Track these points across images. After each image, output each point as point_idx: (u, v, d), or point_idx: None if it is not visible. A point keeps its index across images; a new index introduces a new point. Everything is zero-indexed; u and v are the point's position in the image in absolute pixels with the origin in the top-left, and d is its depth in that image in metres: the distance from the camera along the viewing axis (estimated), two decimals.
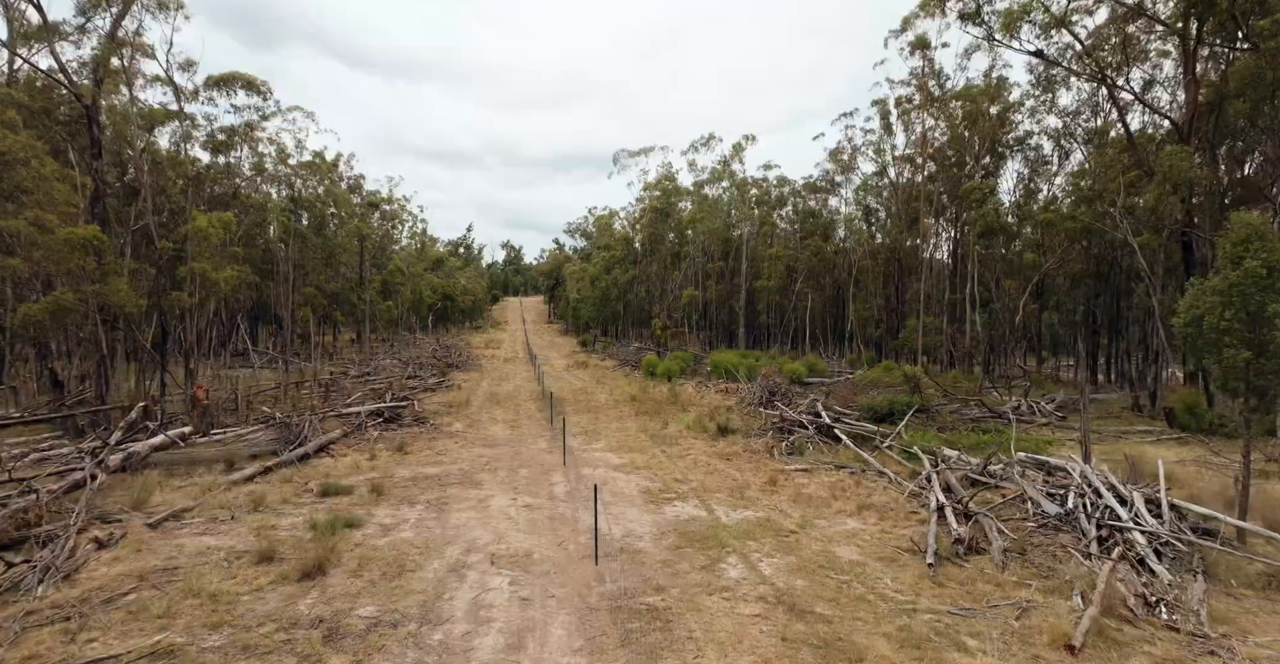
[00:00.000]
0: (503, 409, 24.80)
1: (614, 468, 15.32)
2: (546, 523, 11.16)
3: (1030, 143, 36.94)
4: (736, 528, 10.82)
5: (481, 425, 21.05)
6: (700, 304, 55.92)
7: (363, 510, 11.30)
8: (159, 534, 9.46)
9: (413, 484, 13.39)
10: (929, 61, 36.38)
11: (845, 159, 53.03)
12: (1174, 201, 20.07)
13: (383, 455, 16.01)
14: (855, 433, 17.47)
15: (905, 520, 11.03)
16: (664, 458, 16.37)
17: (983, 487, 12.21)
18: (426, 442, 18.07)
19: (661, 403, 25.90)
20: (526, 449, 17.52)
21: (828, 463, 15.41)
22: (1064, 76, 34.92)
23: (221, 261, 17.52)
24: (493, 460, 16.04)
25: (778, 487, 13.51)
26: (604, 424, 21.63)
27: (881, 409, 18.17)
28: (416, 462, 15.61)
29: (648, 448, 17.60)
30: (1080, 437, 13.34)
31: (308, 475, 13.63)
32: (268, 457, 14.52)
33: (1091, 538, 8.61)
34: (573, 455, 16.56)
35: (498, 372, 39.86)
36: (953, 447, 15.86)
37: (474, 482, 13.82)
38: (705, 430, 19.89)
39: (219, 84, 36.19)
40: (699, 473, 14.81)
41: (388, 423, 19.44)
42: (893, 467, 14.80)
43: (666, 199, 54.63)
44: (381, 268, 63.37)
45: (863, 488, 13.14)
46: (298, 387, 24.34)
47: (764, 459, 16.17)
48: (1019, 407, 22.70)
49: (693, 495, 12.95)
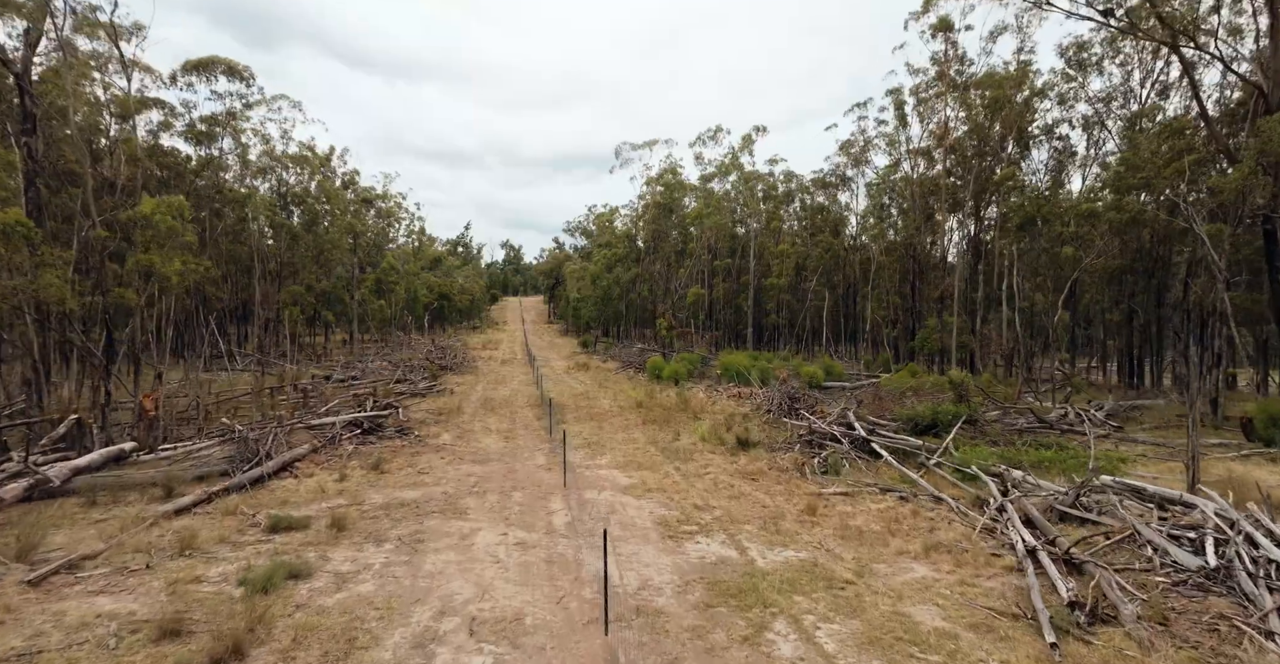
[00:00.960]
0: (497, 417, 22.70)
1: (622, 490, 13.22)
2: (543, 568, 9.05)
3: (1058, 132, 34.81)
4: (778, 575, 8.71)
5: (473, 436, 18.94)
6: (706, 303, 53.81)
7: (316, 553, 9.19)
8: (38, 595, 7.34)
9: (384, 514, 11.27)
10: (952, 45, 34.29)
11: (856, 152, 51.10)
12: (1264, 182, 17.75)
13: (355, 475, 13.89)
14: (896, 447, 15.35)
15: (987, 567, 8.90)
16: (679, 477, 14.26)
17: (1071, 521, 10.09)
18: (408, 457, 15.95)
19: (670, 410, 23.80)
20: (522, 466, 15.42)
21: (870, 485, 13.29)
22: (1097, 59, 32.89)
23: (172, 253, 15.50)
24: (482, 480, 13.94)
25: (818, 516, 11.40)
26: (608, 435, 19.53)
27: (923, 419, 16.07)
28: (394, 483, 13.49)
29: (660, 464, 15.50)
30: (1187, 458, 11.16)
31: (260, 503, 11.52)
32: (216, 479, 12.41)
33: (1270, 609, 6.49)
34: (574, 474, 14.46)
35: (494, 374, 37.75)
36: (1013, 464, 13.74)
37: (458, 509, 11.71)
38: (723, 443, 17.78)
39: (198, 69, 34.13)
40: (722, 497, 12.70)
41: (366, 435, 17.32)
42: (949, 490, 12.68)
43: (671, 194, 52.45)
44: (375, 266, 61.28)
45: (921, 519, 11.02)
46: (272, 392, 22.24)
47: (794, 479, 14.06)
48: (1065, 415, 20.58)
49: (718, 527, 10.84)
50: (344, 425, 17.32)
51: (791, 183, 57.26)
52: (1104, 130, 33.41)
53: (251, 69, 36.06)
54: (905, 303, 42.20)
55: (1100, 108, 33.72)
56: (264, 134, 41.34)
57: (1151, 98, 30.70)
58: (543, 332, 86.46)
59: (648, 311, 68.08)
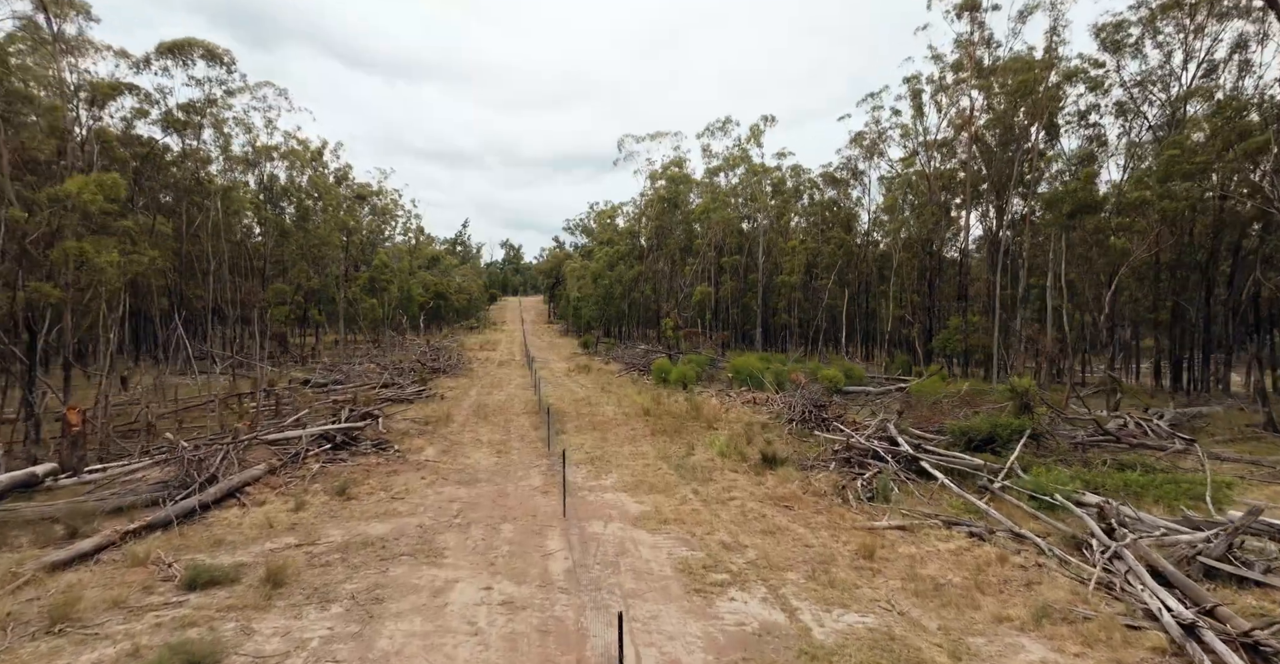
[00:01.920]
0: (490, 426, 20.53)
1: (633, 521, 11.05)
2: (535, 640, 6.90)
3: (1091, 119, 32.62)
4: (846, 655, 6.56)
5: (461, 451, 16.77)
6: (712, 302, 51.62)
7: (238, 622, 7.03)
8: None
9: (341, 558, 9.11)
10: (978, 26, 32.09)
11: (869, 144, 48.99)
12: None
13: (315, 502, 11.72)
14: (950, 467, 13.18)
15: (1127, 647, 6.71)
16: (699, 503, 12.10)
17: (1221, 578, 7.90)
18: (383, 477, 13.78)
19: (681, 418, 21.64)
20: (515, 488, 13.26)
21: (930, 515, 11.12)
22: (1135, 40, 30.76)
23: (106, 241, 13.37)
24: (468, 507, 11.78)
25: (878, 560, 9.23)
26: (614, 447, 17.37)
27: (978, 433, 13.88)
28: (360, 512, 11.33)
29: (674, 486, 13.33)
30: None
31: (187, 544, 9.35)
32: (142, 510, 10.24)
33: None
34: (575, 497, 12.31)
35: (490, 377, 35.57)
36: (1095, 489, 11.58)
37: (434, 550, 9.55)
38: (744, 459, 15.61)
39: (173, 52, 31.92)
40: (754, 531, 10.53)
41: (337, 450, 15.15)
42: (1029, 525, 10.50)
43: (676, 188, 50.19)
44: (370, 264, 59.14)
45: (1010, 567, 8.83)
46: (240, 399, 20.06)
47: (836, 506, 11.89)
48: (1125, 425, 18.41)
49: (755, 576, 8.69)
50: (311, 439, 15.15)
51: (800, 178, 55.13)
52: (1140, 117, 31.21)
53: (232, 53, 33.92)
54: (924, 302, 40.01)
55: (1136, 93, 31.54)
56: (247, 123, 39.13)
57: (1196, 80, 28.53)
58: (542, 332, 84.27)
59: (651, 311, 65.93)
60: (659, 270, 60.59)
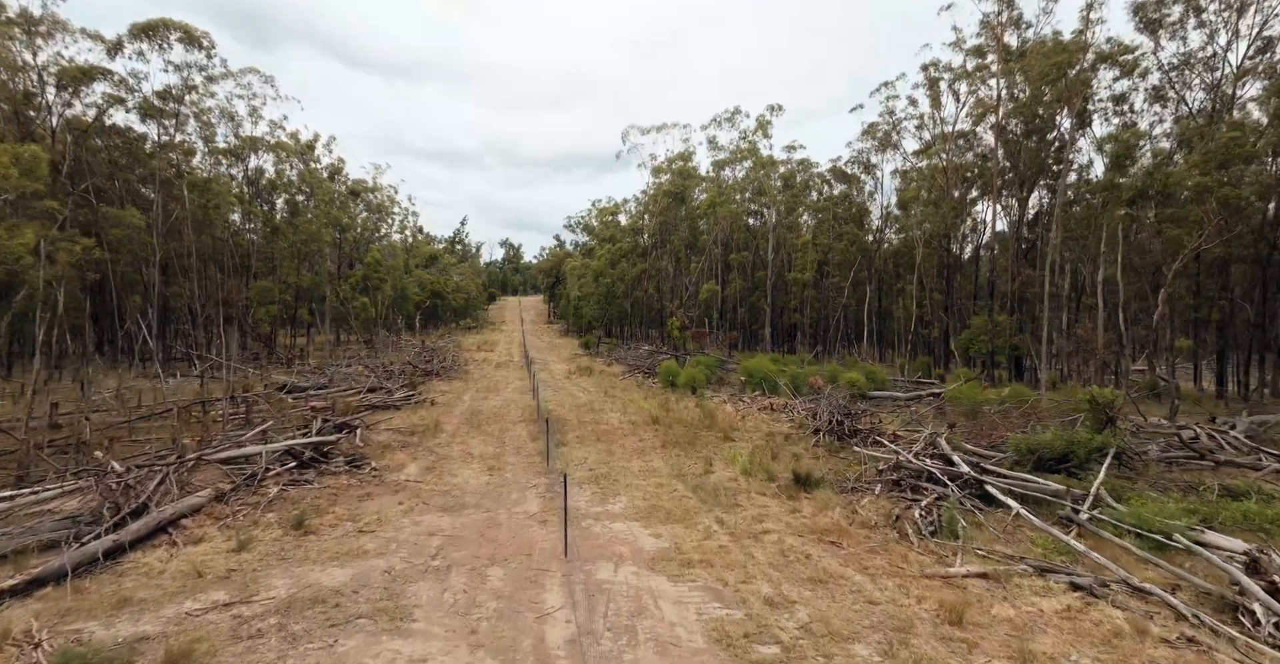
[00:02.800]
0: (483, 436, 18.52)
1: (649, 563, 9.03)
2: None
3: (1130, 103, 30.58)
4: None
5: (448, 467, 14.75)
6: (719, 301, 49.55)
7: None
8: None
9: (277, 625, 7.08)
10: (1007, 5, 30.05)
11: (882, 136, 47.03)
12: None
13: (264, 538, 9.70)
14: (1021, 492, 11.14)
15: None
16: (726, 537, 10.07)
17: None
18: (352, 503, 11.76)
19: (693, 427, 19.64)
20: (508, 516, 11.24)
21: (1012, 557, 9.08)
22: (1176, 19, 28.75)
23: (24, 226, 11.41)
24: (450, 544, 9.76)
25: (968, 626, 7.20)
26: (621, 462, 15.35)
27: (1049, 451, 11.83)
28: (317, 551, 9.30)
29: (695, 513, 11.31)
30: None
31: (83, 604, 7.33)
32: (37, 555, 8.22)
33: None
34: (579, 528, 10.31)
35: (486, 380, 33.55)
36: (1207, 522, 9.56)
37: (400, 610, 7.53)
38: (772, 478, 13.59)
39: (147, 33, 29.86)
40: (801, 579, 8.51)
41: (303, 468, 13.13)
42: (1142, 572, 8.47)
43: (682, 181, 48.09)
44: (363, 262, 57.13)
45: (1154, 644, 6.79)
46: (204, 407, 18.04)
47: (892, 541, 9.86)
48: (1196, 437, 16.38)
49: (814, 652, 6.66)
50: (275, 456, 13.13)
51: (809, 172, 53.12)
52: (1181, 103, 29.15)
53: (211, 36, 31.86)
54: (943, 300, 37.94)
55: (1175, 76, 29.52)
56: (230, 112, 37.02)
57: (1246, 60, 26.49)
58: (542, 332, 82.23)
59: (654, 310, 63.93)
60: (662, 268, 58.57)
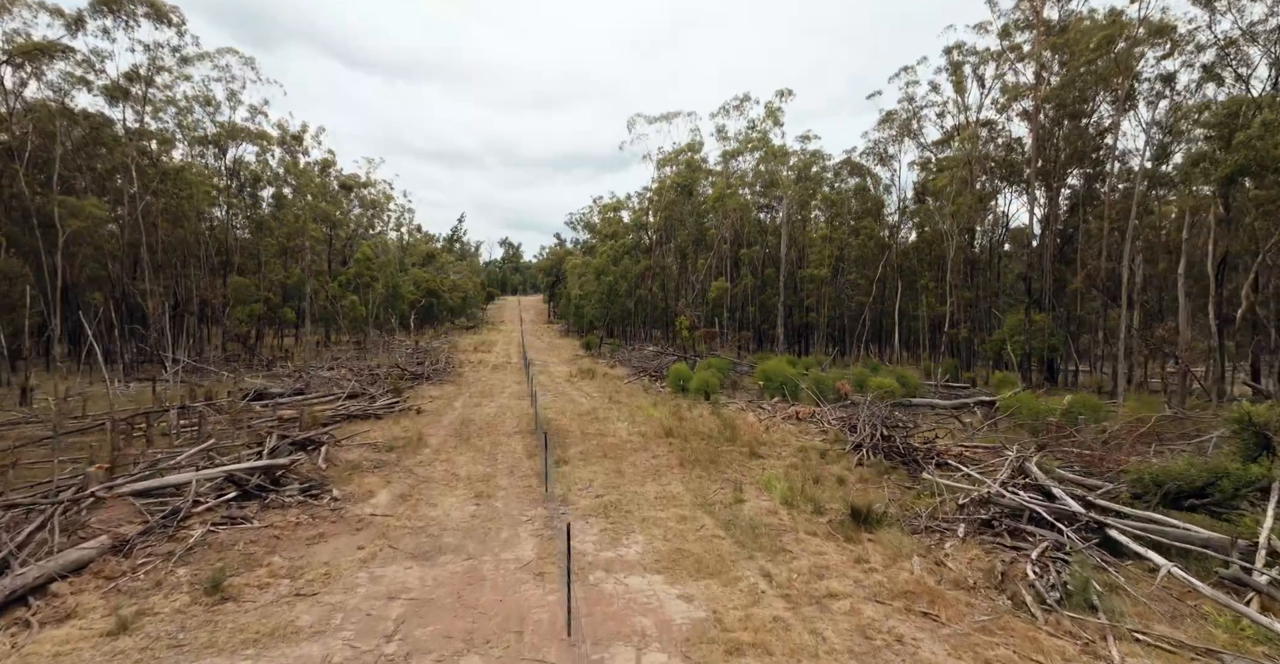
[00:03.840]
0: (473, 452, 16.06)
1: (682, 648, 6.56)
2: None
3: (1176, 84, 28.13)
4: None
5: (426, 494, 12.29)
6: (729, 299, 47.05)
7: None
8: None
9: None
10: None
11: (901, 124, 44.62)
12: None
13: (162, 610, 7.22)
14: (1152, 538, 8.66)
15: None
16: (781, 603, 7.60)
17: None
18: (299, 548, 9.28)
19: (713, 440, 17.17)
20: (495, 565, 8.78)
21: (1193, 647, 6.61)
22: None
23: None
24: (412, 616, 7.29)
25: None
26: (633, 486, 12.90)
27: (1184, 482, 9.29)
28: (229, 631, 6.82)
29: (731, 562, 8.84)
30: None
31: None
32: None
33: None
34: (585, 584, 7.88)
35: (481, 384, 31.10)
36: None
37: None
38: (819, 510, 11.12)
39: (109, 6, 27.37)
40: None
41: (247, 498, 10.66)
42: None
43: (690, 173, 45.56)
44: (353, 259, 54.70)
45: None
46: (148, 418, 15.57)
47: (1005, 613, 7.39)
48: None
49: None
50: (212, 485, 10.66)
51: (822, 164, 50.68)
52: (1240, 81, 26.70)
53: (181, 12, 29.40)
54: (972, 298, 35.48)
55: (1231, 51, 27.09)
56: (207, 96, 34.51)
57: None
58: (542, 332, 79.77)
59: (658, 309, 61.47)
60: (667, 266, 56.09)
